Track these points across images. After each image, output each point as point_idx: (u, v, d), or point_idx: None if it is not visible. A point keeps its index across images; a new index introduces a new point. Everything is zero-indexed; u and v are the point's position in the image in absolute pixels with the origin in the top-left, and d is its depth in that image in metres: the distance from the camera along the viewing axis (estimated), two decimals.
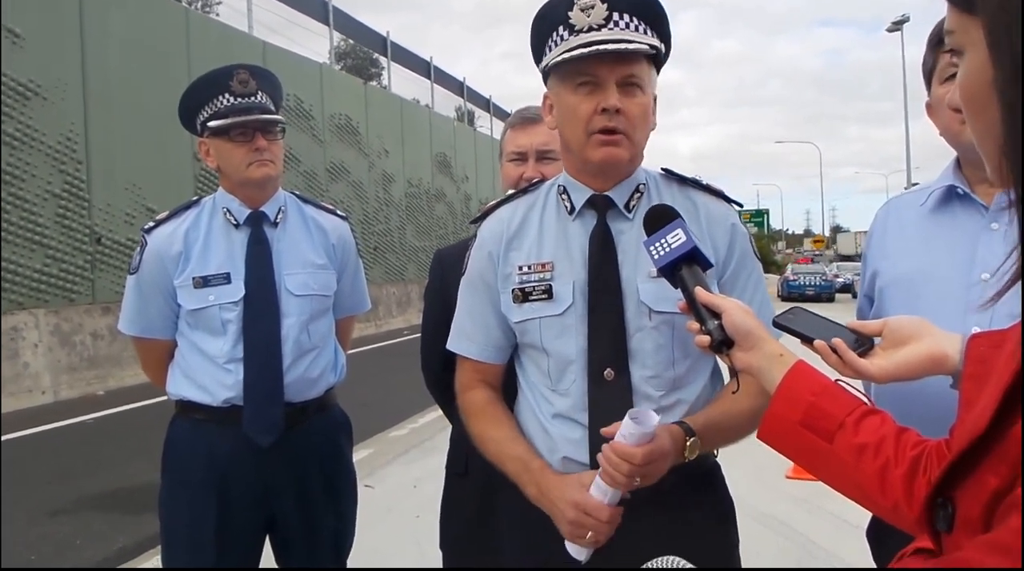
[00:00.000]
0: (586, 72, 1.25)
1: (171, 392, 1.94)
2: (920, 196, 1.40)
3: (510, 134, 1.85)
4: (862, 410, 0.90)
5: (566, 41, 1.25)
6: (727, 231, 1.34)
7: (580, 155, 1.29)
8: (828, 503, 4.09)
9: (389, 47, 20.14)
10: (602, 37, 1.23)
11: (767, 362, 0.99)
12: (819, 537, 3.80)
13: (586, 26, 1.23)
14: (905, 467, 0.84)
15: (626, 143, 1.27)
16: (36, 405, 8.16)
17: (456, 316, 1.44)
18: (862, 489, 0.88)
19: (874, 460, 0.86)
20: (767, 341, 1.01)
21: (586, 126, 1.26)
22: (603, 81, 1.24)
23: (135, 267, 1.92)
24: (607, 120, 1.24)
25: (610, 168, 1.30)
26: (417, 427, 6.56)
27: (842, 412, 0.90)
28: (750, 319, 1.03)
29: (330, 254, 2.03)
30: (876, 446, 0.86)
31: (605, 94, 1.24)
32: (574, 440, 1.28)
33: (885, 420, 0.90)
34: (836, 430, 0.89)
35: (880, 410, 0.92)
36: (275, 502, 1.91)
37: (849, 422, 0.89)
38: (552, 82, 1.32)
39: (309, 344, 1.94)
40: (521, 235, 1.36)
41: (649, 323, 1.27)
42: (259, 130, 1.89)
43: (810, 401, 0.92)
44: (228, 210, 1.94)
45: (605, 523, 1.18)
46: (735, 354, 1.03)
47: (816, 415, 0.91)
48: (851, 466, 0.88)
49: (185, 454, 1.90)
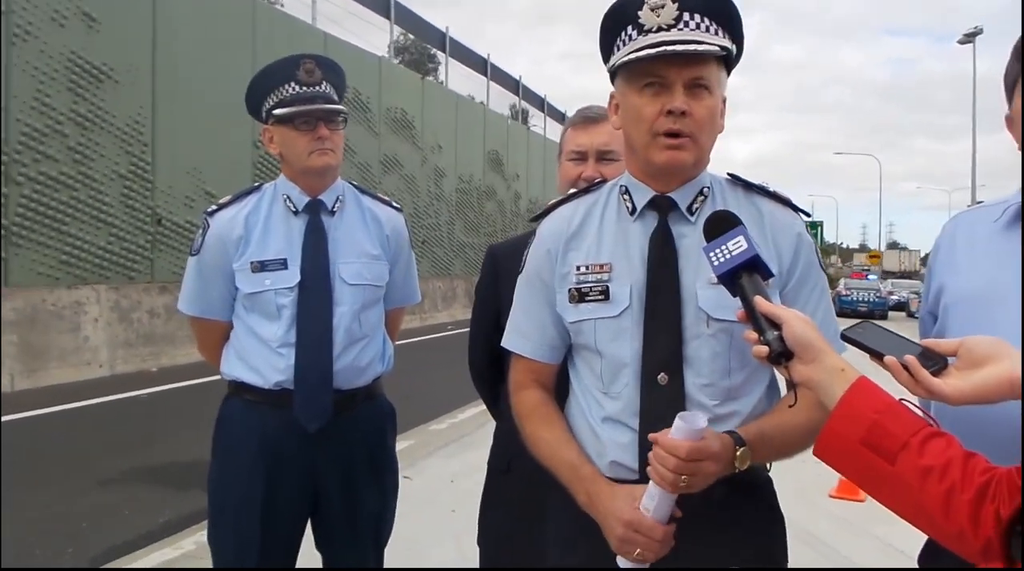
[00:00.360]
0: (653, 73, 1.23)
1: (225, 372, 1.99)
2: (994, 211, 1.32)
3: (570, 133, 1.83)
4: (927, 431, 0.87)
5: (634, 41, 1.23)
6: (792, 240, 1.30)
7: (643, 156, 1.28)
8: (873, 526, 3.98)
9: (448, 43, 20.29)
10: (671, 37, 1.20)
11: (828, 376, 0.96)
12: (863, 560, 3.70)
13: (655, 26, 1.21)
14: (972, 493, 0.81)
15: (691, 146, 1.25)
16: (94, 377, 8.47)
17: (512, 313, 1.43)
18: (925, 513, 0.85)
19: (939, 484, 0.83)
20: (828, 354, 0.98)
21: (650, 128, 1.24)
22: (670, 82, 1.22)
23: (197, 249, 1.97)
24: (672, 122, 1.22)
25: (673, 171, 1.28)
26: (457, 422, 6.60)
27: (906, 432, 0.87)
28: (811, 331, 1.00)
29: (384, 245, 2.05)
30: (942, 469, 0.83)
31: (671, 96, 1.22)
32: (623, 444, 1.26)
33: (951, 443, 0.86)
34: (899, 451, 0.86)
35: (946, 432, 0.89)
36: (320, 485, 1.94)
37: (914, 443, 0.86)
38: (619, 82, 1.30)
39: (360, 333, 1.96)
40: (581, 235, 1.35)
41: (707, 330, 1.25)
42: (322, 119, 1.92)
43: (873, 419, 0.89)
44: (288, 197, 1.97)
45: (657, 542, 1.17)
46: (794, 367, 1.00)
47: (879, 434, 0.88)
48: (914, 489, 0.85)
49: (236, 433, 1.94)
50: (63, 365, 8.28)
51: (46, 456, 5.26)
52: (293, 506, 1.93)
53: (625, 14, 1.25)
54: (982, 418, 1.07)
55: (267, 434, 1.90)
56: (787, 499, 1.39)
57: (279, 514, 1.91)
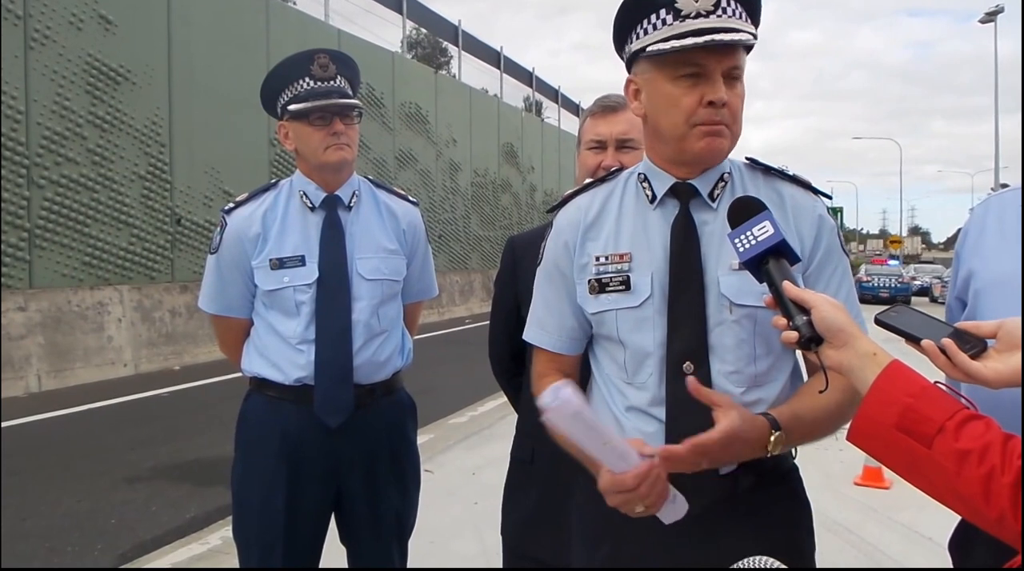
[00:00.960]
0: (692, 62, 1.17)
1: (246, 369, 2.00)
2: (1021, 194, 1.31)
3: (589, 122, 1.82)
4: (964, 414, 0.85)
5: (670, 26, 1.17)
6: (814, 223, 1.28)
7: (678, 145, 1.24)
8: (898, 513, 3.94)
9: (460, 36, 20.25)
10: (712, 24, 1.15)
11: (860, 361, 0.94)
12: (888, 547, 3.66)
13: (693, 11, 1.16)
14: (1013, 476, 0.79)
15: (728, 134, 1.22)
16: (118, 377, 8.59)
17: (532, 306, 1.42)
18: (963, 498, 0.83)
19: (978, 467, 0.81)
20: (859, 339, 0.96)
21: (688, 118, 1.20)
22: (710, 72, 1.18)
23: (215, 247, 1.98)
24: (713, 113, 1.19)
25: (712, 159, 1.25)
26: (477, 415, 6.62)
27: (942, 415, 0.85)
28: (842, 315, 0.98)
29: (401, 239, 2.05)
30: (981, 453, 0.81)
31: (712, 86, 1.18)
32: (649, 433, 1.25)
33: (990, 425, 0.84)
34: (935, 434, 0.84)
35: (983, 415, 0.87)
36: (343, 479, 1.95)
37: (950, 426, 0.84)
38: (644, 67, 1.24)
39: (379, 327, 1.96)
40: (599, 224, 1.33)
41: (730, 316, 1.23)
42: (337, 114, 1.91)
43: (907, 403, 0.87)
44: (304, 193, 1.97)
45: (634, 491, 1.11)
46: (825, 351, 0.98)
47: (914, 418, 0.86)
48: (952, 473, 0.83)
49: (258, 429, 1.96)
50: (88, 365, 8.40)
51: (74, 455, 5.34)
52: (316, 501, 1.94)
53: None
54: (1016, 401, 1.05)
55: (289, 430, 1.91)
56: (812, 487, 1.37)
57: (302, 509, 1.92)
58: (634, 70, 1.28)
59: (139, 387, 7.98)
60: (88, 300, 8.70)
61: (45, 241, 8.39)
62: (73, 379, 8.15)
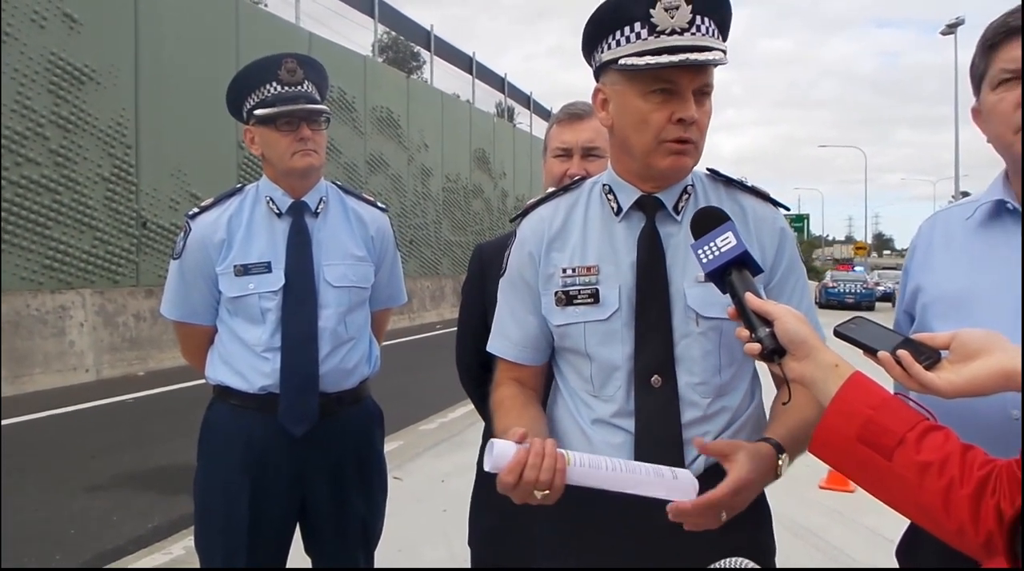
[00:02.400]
0: (665, 79, 1.17)
1: (209, 377, 1.97)
2: (966, 210, 1.32)
3: (555, 129, 1.82)
4: (924, 426, 0.86)
5: (644, 40, 1.16)
6: (776, 235, 1.30)
7: (644, 161, 1.24)
8: (863, 516, 4.01)
9: (432, 41, 20.22)
10: (686, 43, 1.15)
11: (822, 372, 0.95)
12: (853, 550, 3.72)
13: (669, 28, 1.16)
14: (972, 487, 0.80)
15: (693, 152, 1.23)
16: (79, 383, 8.39)
17: (496, 316, 1.41)
18: (924, 509, 0.84)
19: (938, 479, 0.82)
20: (821, 350, 0.97)
21: (657, 135, 1.20)
22: (682, 90, 1.18)
23: (178, 252, 1.95)
24: (683, 131, 1.19)
25: (676, 176, 1.26)
26: (447, 422, 6.59)
27: (903, 427, 0.86)
28: (804, 327, 0.99)
29: (369, 246, 2.03)
30: (940, 464, 0.83)
31: (683, 104, 1.18)
32: (616, 445, 1.25)
33: (949, 437, 0.85)
34: (896, 446, 0.85)
35: (943, 426, 0.88)
36: (307, 489, 1.93)
37: (910, 438, 0.85)
38: (615, 78, 1.23)
39: (346, 335, 1.94)
40: (564, 236, 1.32)
41: (697, 329, 1.24)
42: (304, 120, 1.89)
43: (868, 415, 0.88)
44: (271, 199, 1.95)
45: (509, 483, 1.08)
46: (787, 363, 0.99)
47: (874, 430, 0.87)
48: (912, 484, 0.84)
49: (222, 438, 1.92)
50: (48, 371, 8.20)
51: (32, 463, 5.20)
52: (280, 511, 1.92)
53: (632, 10, 1.17)
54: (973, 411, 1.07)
55: (253, 439, 1.88)
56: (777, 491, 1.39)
57: (266, 518, 1.89)
58: (603, 79, 1.27)
59: (101, 393, 7.80)
60: (49, 304, 8.49)
61: (4, 243, 8.18)
62: (32, 385, 7.94)
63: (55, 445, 5.76)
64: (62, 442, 5.85)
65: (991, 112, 1.23)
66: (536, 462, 1.08)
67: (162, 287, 2.06)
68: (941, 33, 25.32)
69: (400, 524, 2.77)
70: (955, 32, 24.72)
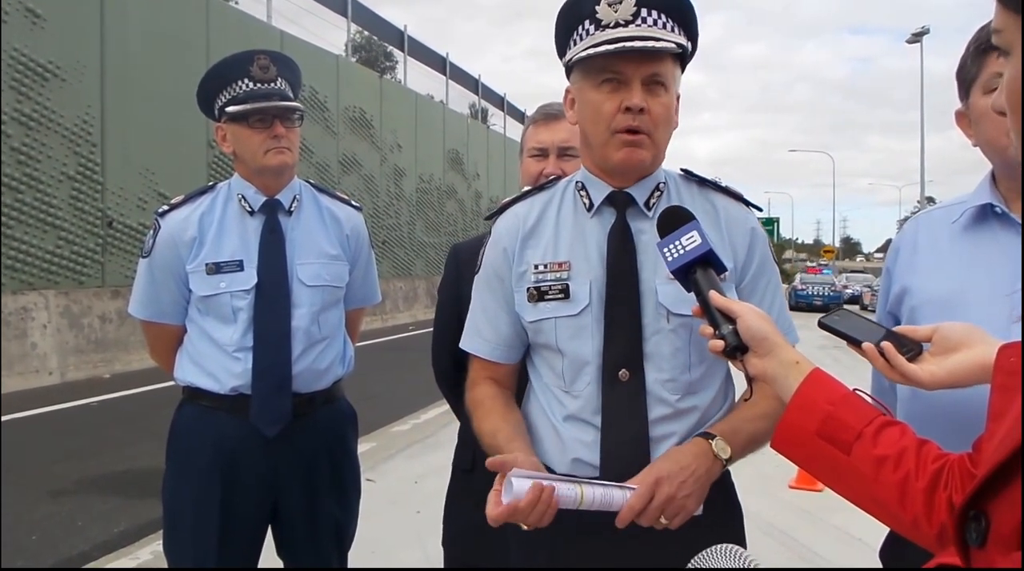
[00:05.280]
0: (611, 69, 1.23)
1: (179, 378, 1.94)
2: (952, 212, 1.33)
3: (532, 130, 1.83)
4: (881, 421, 0.88)
5: (591, 36, 1.23)
6: (747, 235, 1.32)
7: (600, 153, 1.28)
8: (831, 515, 4.07)
9: (406, 41, 20.13)
10: (629, 33, 1.20)
11: (783, 369, 0.97)
12: (822, 549, 3.77)
13: (613, 21, 1.21)
14: (926, 480, 0.82)
15: (648, 144, 1.25)
16: (43, 385, 8.19)
17: (470, 313, 1.42)
18: (880, 503, 0.86)
19: (894, 473, 0.84)
20: (783, 347, 0.99)
21: (609, 124, 1.24)
22: (628, 79, 1.22)
23: (147, 250, 1.92)
24: (631, 119, 1.22)
25: (631, 169, 1.29)
26: (420, 423, 6.56)
27: (860, 422, 0.88)
28: (766, 324, 1.01)
29: (343, 245, 2.02)
30: (896, 458, 0.84)
31: (630, 92, 1.22)
32: (586, 442, 1.26)
33: (905, 432, 0.87)
34: (854, 441, 0.87)
35: (899, 421, 0.90)
36: (280, 491, 1.90)
37: (868, 433, 0.87)
38: (575, 77, 1.30)
39: (319, 335, 1.93)
40: (537, 233, 1.34)
41: (667, 325, 1.25)
42: (277, 117, 1.88)
43: (827, 411, 0.90)
44: (243, 197, 1.93)
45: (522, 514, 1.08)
46: (749, 360, 1.01)
47: (833, 425, 0.89)
48: (869, 479, 0.86)
49: (191, 440, 1.89)
50: (10, 373, 7.99)
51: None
52: (252, 513, 1.89)
53: (581, 9, 1.24)
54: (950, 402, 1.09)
55: (223, 440, 1.86)
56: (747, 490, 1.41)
57: (237, 522, 1.86)
58: (571, 80, 1.32)
59: (66, 396, 7.63)
60: (10, 305, 8.28)
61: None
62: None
63: (17, 449, 5.61)
64: (24, 446, 5.70)
65: (984, 116, 1.23)
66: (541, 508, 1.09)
67: (129, 288, 2.02)
68: (907, 42, 25.80)
69: (374, 525, 2.75)
70: (921, 41, 25.23)
